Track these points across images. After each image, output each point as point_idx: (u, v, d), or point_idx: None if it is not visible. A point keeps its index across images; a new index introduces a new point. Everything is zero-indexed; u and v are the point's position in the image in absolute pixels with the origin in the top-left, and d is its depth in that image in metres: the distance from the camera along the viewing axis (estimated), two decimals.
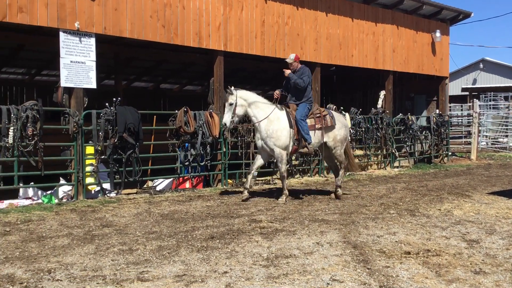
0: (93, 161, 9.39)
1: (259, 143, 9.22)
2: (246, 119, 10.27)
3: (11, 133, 8.34)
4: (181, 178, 10.99)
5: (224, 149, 11.42)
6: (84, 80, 9.37)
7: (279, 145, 9.02)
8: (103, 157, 9.48)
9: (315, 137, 9.39)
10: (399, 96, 20.17)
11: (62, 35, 9.09)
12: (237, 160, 11.80)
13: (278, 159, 9.16)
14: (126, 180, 9.73)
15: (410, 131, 15.88)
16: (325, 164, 13.52)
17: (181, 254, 5.40)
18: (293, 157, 11.06)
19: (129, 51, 14.73)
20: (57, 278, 4.55)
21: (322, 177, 13.09)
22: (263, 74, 20.92)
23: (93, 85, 9.57)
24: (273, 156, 9.33)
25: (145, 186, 10.76)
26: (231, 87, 9.09)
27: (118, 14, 9.85)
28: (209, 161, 11.10)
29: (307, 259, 5.24)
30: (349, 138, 11.28)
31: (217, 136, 11.10)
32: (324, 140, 9.50)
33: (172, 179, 10.91)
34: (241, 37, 12.00)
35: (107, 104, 9.50)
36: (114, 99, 9.59)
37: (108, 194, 9.60)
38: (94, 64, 9.53)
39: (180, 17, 10.85)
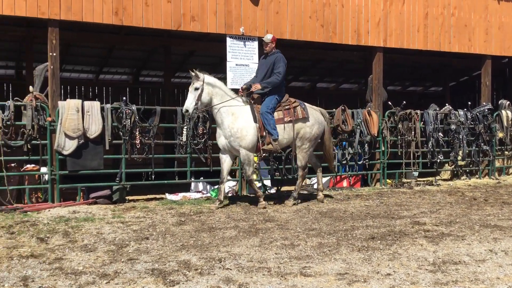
0: (255, 159, 9.86)
1: (222, 141, 8.19)
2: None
3: (184, 132, 9.18)
4: (338, 177, 10.99)
5: (383, 148, 11.12)
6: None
7: (245, 145, 8.04)
8: (264, 155, 9.90)
9: (284, 132, 8.24)
10: None
11: (228, 40, 9.72)
12: (396, 160, 11.41)
13: (244, 162, 8.21)
14: (285, 177, 10.05)
15: None
16: (497, 164, 12.38)
17: (341, 253, 5.39)
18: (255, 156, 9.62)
19: (287, 52, 15.06)
20: (227, 267, 4.87)
21: (493, 179, 11.98)
22: (424, 69, 19.84)
23: None
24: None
25: (303, 184, 10.96)
26: (196, 70, 8.11)
27: (279, 17, 10.20)
28: (367, 160, 10.91)
29: (479, 266, 4.85)
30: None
31: (376, 135, 10.86)
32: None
33: (329, 177, 10.95)
34: (402, 32, 11.55)
35: None
36: None
37: (269, 190, 10.01)
38: (257, 66, 9.99)
39: (339, 16, 10.84)
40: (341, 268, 4.84)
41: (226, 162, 8.35)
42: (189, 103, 7.87)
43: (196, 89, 7.90)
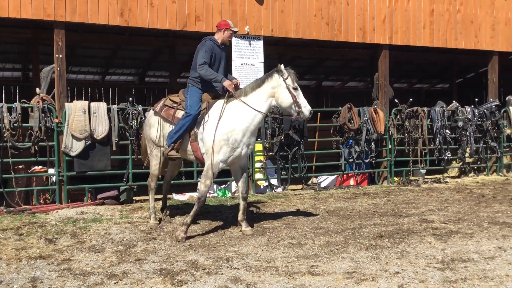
0: (262, 158, 9.86)
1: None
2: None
3: None
4: (345, 175, 10.96)
5: (390, 146, 11.08)
6: None
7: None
8: (270, 154, 9.90)
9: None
10: None
11: (234, 40, 9.70)
12: (403, 157, 11.36)
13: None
14: (292, 176, 10.04)
15: None
16: (505, 161, 12.32)
17: (349, 251, 5.38)
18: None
19: (292, 50, 15.11)
20: (234, 266, 4.87)
21: (501, 176, 11.91)
22: (431, 66, 19.76)
23: None
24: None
25: (309, 182, 10.96)
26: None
27: (284, 16, 10.18)
28: (374, 158, 10.87)
29: (488, 264, 4.82)
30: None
31: (382, 133, 10.82)
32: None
33: (336, 176, 10.93)
34: (408, 29, 11.50)
35: None
36: None
37: (276, 190, 10.01)
38: (262, 65, 10.00)
39: (344, 13, 10.80)
40: (349, 266, 4.83)
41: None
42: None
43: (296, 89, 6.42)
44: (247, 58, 9.84)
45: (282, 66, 6.38)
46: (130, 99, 9.19)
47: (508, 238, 5.83)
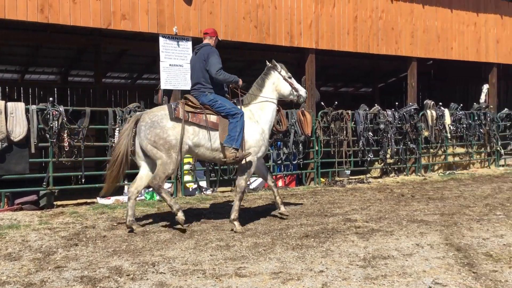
0: (190, 160, 9.76)
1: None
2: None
3: (116, 133, 8.91)
4: (274, 176, 11.07)
5: (317, 148, 11.35)
6: (182, 82, 9.77)
7: None
8: None
9: None
10: (505, 90, 18.80)
11: (161, 40, 9.55)
12: (329, 159, 11.69)
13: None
14: (221, 178, 10.02)
15: None
16: (423, 162, 12.99)
17: (276, 252, 5.44)
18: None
19: (222, 52, 15.04)
20: (160, 271, 4.77)
21: (420, 176, 12.56)
22: (355, 71, 20.52)
23: (190, 86, 9.94)
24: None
25: None
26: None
27: (213, 17, 10.15)
28: (301, 160, 11.09)
29: (407, 260, 5.05)
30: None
31: (310, 135, 11.06)
32: None
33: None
34: (333, 34, 11.85)
35: None
36: None
37: (205, 192, 9.94)
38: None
39: (272, 17, 10.95)
40: (276, 267, 4.88)
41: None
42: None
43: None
44: (176, 59, 9.70)
45: (274, 62, 7.47)
46: (51, 99, 8.75)
47: (425, 235, 6.14)
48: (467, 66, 16.20)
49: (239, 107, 7.00)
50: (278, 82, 7.34)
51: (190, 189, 9.99)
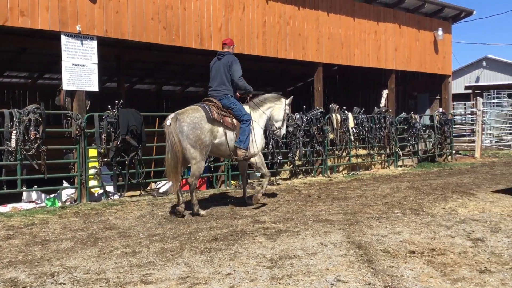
0: (96, 164, 9.38)
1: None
2: None
3: (13, 136, 8.35)
4: (184, 180, 10.96)
5: None
6: (86, 83, 9.37)
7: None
8: (106, 159, 9.46)
9: None
10: (402, 95, 20.12)
11: (63, 38, 9.10)
12: None
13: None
14: (129, 182, 9.73)
15: (414, 130, 15.81)
16: (329, 163, 13.52)
17: (184, 256, 5.38)
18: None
19: (131, 53, 14.76)
20: (60, 281, 4.53)
21: (326, 177, 13.06)
22: (266, 74, 20.92)
23: (95, 87, 9.57)
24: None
25: (148, 188, 10.75)
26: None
27: (119, 17, 9.85)
28: (212, 163, 11.08)
29: (311, 259, 5.21)
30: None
31: None
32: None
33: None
34: (243, 38, 11.99)
35: (109, 106, 9.50)
36: (116, 101, 9.59)
37: (112, 197, 9.60)
38: (96, 66, 9.53)
39: (181, 19, 10.85)
40: (183, 272, 4.82)
41: None
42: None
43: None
44: (79, 59, 9.28)
45: (291, 100, 9.21)
46: None
47: (329, 234, 6.38)
48: (368, 72, 17.13)
49: (246, 107, 8.29)
50: (279, 111, 8.85)
51: (96, 195, 9.60)
